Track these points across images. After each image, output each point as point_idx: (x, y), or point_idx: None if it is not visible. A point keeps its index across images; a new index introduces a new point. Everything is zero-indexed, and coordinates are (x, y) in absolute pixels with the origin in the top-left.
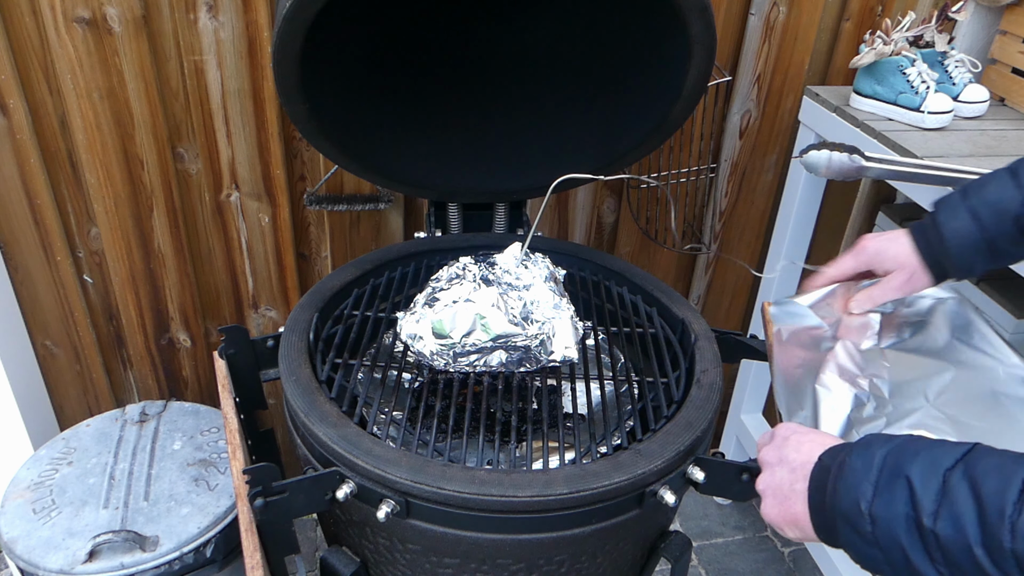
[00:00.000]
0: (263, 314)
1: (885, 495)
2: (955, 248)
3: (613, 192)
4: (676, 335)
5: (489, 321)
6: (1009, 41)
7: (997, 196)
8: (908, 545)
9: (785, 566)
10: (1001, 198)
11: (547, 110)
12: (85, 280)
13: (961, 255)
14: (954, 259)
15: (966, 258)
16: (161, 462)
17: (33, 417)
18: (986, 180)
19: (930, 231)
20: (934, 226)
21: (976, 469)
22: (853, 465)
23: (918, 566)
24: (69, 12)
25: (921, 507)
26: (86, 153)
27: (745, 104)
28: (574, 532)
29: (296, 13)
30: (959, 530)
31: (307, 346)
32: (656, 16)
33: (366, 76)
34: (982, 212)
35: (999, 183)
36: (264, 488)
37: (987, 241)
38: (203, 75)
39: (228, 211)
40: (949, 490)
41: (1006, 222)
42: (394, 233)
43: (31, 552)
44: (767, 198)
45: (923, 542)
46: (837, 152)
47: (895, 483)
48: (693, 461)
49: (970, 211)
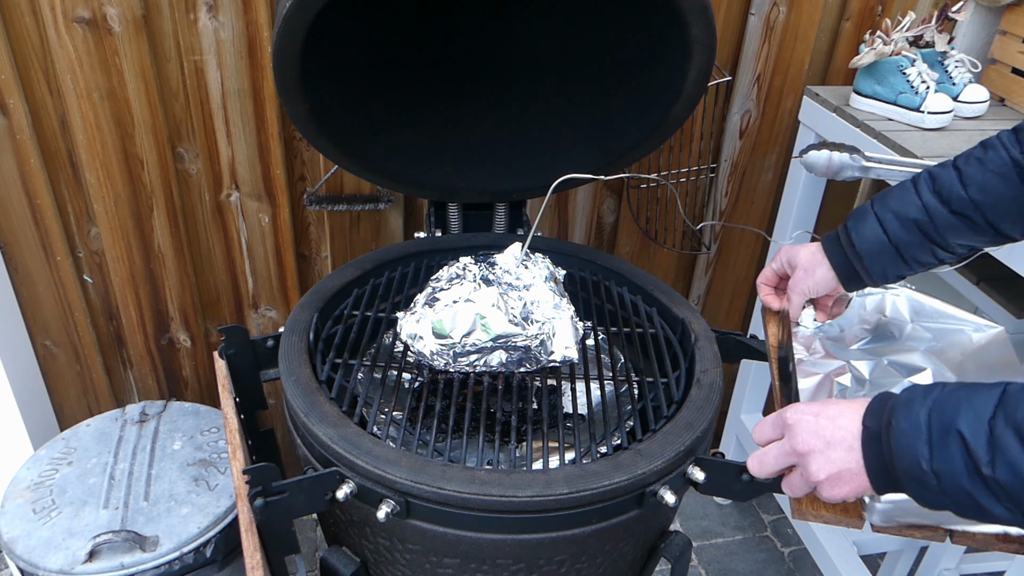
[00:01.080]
0: (263, 314)
1: (941, 452)
2: (866, 253)
3: (613, 192)
4: (676, 335)
5: (489, 321)
6: (1009, 41)
7: (898, 203)
8: (974, 491)
9: (785, 566)
10: (901, 204)
11: (547, 110)
12: (85, 280)
13: (872, 260)
14: (865, 260)
15: (877, 263)
16: (161, 462)
17: (33, 417)
18: (892, 188)
19: (842, 236)
20: (845, 232)
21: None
22: (901, 427)
23: (986, 506)
24: (69, 12)
25: (978, 458)
26: (86, 153)
27: (745, 104)
28: (574, 532)
29: (296, 13)
30: (1017, 474)
31: (307, 346)
32: (656, 16)
33: (366, 76)
34: (886, 218)
35: (901, 190)
36: (264, 488)
37: (893, 247)
38: (203, 75)
39: (228, 211)
40: (996, 439)
41: (908, 228)
42: (394, 233)
43: (31, 552)
44: (767, 198)
45: (987, 488)
46: (837, 152)
47: (948, 440)
48: (693, 461)
49: (876, 217)
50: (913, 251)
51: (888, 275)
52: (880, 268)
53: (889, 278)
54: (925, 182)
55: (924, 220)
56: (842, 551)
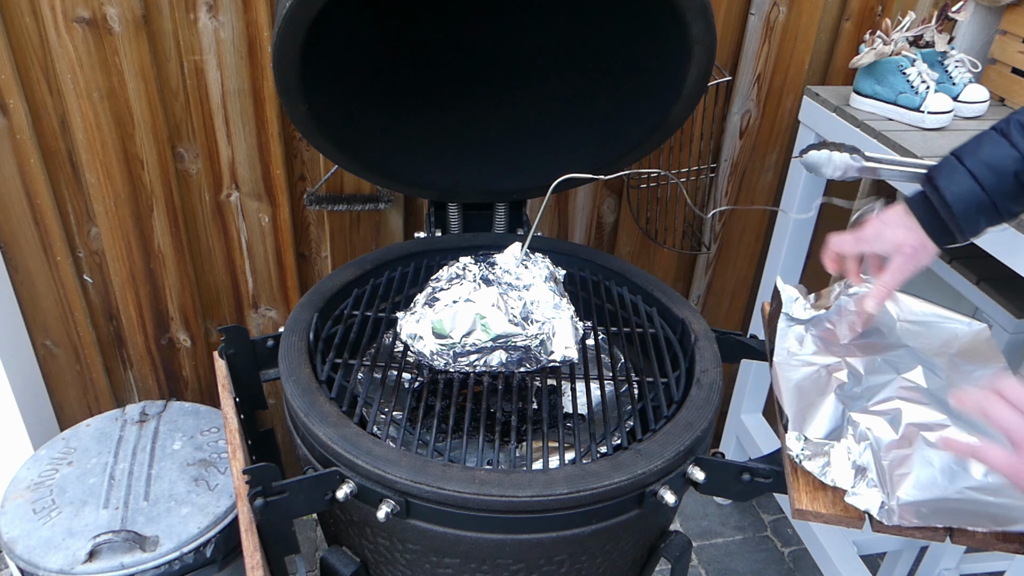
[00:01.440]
0: (263, 314)
1: None
2: (960, 211)
3: (613, 192)
4: (676, 335)
5: (489, 321)
6: (1009, 41)
7: (993, 155)
8: None
9: (785, 566)
10: (998, 156)
11: (547, 110)
12: (85, 280)
13: (967, 217)
14: (960, 221)
15: (971, 219)
16: (161, 462)
17: (33, 417)
18: (979, 141)
19: (933, 198)
20: (936, 192)
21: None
22: None
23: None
24: (69, 12)
25: None
26: (86, 153)
27: (745, 104)
28: (574, 532)
29: (296, 12)
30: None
31: (307, 346)
32: (656, 16)
33: (366, 76)
34: (981, 172)
35: (992, 143)
36: (264, 488)
37: (991, 200)
38: (203, 75)
39: (228, 211)
40: None
41: (1006, 180)
42: (394, 233)
43: (31, 552)
44: (767, 198)
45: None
46: (837, 152)
47: None
48: (693, 461)
49: (970, 172)
50: (1009, 203)
51: (981, 228)
52: (974, 223)
53: (981, 231)
54: (1018, 130)
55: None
56: (842, 551)
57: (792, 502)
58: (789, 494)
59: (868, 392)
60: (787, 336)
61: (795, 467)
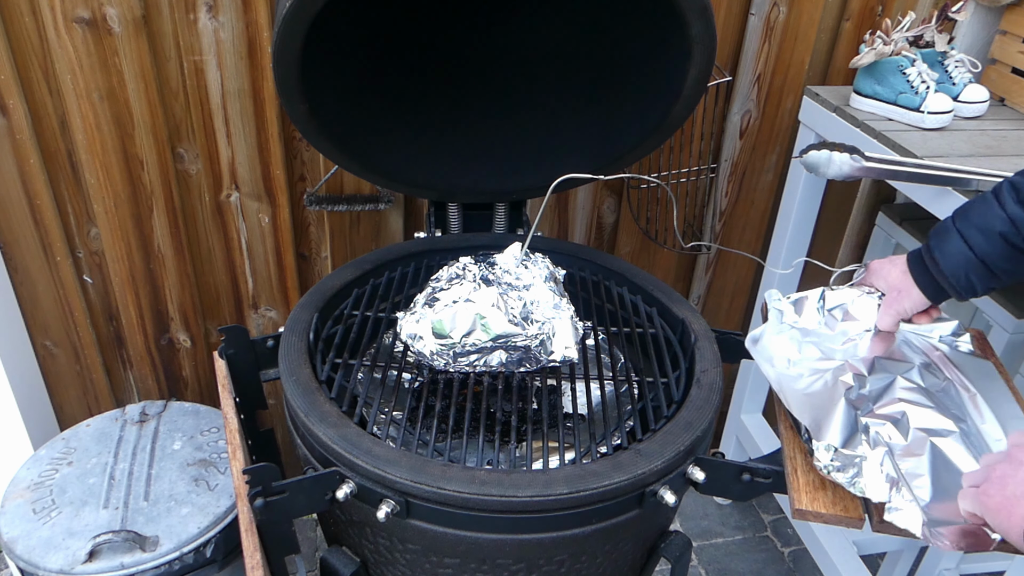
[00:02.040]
0: (263, 314)
1: None
2: (949, 269)
3: (613, 192)
4: (676, 335)
5: (489, 321)
6: (1009, 41)
7: (981, 216)
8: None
9: (785, 566)
10: (986, 218)
11: (547, 110)
12: (85, 280)
13: (956, 275)
14: (950, 279)
15: (962, 277)
16: (161, 462)
17: (33, 417)
18: (971, 204)
19: (925, 255)
20: (928, 250)
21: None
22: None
23: None
24: (69, 12)
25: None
26: (86, 153)
27: (745, 104)
28: (574, 532)
29: (296, 13)
30: None
31: (307, 346)
32: (656, 16)
33: (366, 76)
34: (969, 233)
35: (983, 204)
36: (264, 488)
37: (979, 259)
38: (203, 75)
39: (228, 211)
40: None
41: (993, 240)
42: (394, 233)
43: (31, 552)
44: (767, 198)
45: None
46: (837, 152)
47: None
48: (693, 461)
49: (960, 233)
50: (1001, 263)
51: (977, 289)
52: (967, 283)
53: (979, 291)
54: (1008, 193)
55: (1010, 231)
56: (842, 551)
57: (792, 502)
58: (789, 494)
59: (873, 394)
60: (784, 343)
61: (795, 467)
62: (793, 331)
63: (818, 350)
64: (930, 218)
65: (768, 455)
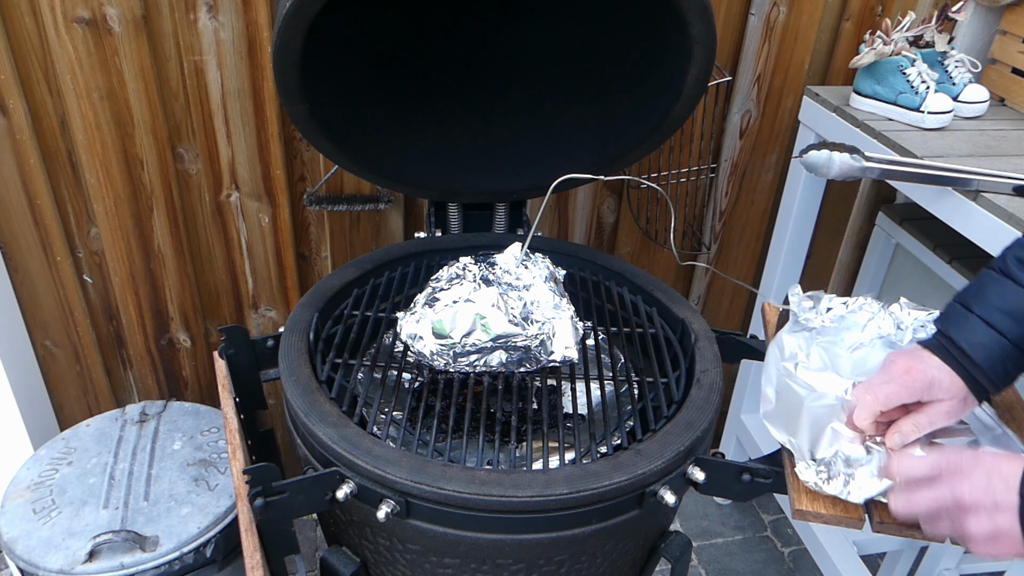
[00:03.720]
0: (263, 314)
1: None
2: (985, 362)
3: (613, 192)
4: (676, 335)
5: (489, 321)
6: (1009, 41)
7: (1000, 298)
8: None
9: (785, 566)
10: (1004, 299)
11: (547, 110)
12: (85, 280)
13: (993, 368)
14: (988, 373)
15: (998, 369)
16: (161, 462)
17: (33, 417)
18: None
19: (953, 351)
20: (954, 345)
21: None
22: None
23: None
24: (69, 12)
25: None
26: (86, 153)
27: (745, 104)
28: (574, 532)
29: (296, 13)
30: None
31: (307, 346)
32: (656, 16)
33: (366, 76)
34: (994, 318)
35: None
36: (264, 488)
37: (1013, 345)
38: (203, 75)
39: (228, 211)
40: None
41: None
42: (394, 233)
43: (31, 552)
44: (767, 198)
45: None
46: (837, 152)
47: None
48: (693, 461)
49: (983, 320)
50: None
51: (1011, 376)
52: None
53: (1012, 379)
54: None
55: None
56: (842, 551)
57: (792, 502)
58: (789, 494)
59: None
60: (793, 339)
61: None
62: (804, 332)
63: (823, 359)
64: (931, 218)
65: (768, 455)
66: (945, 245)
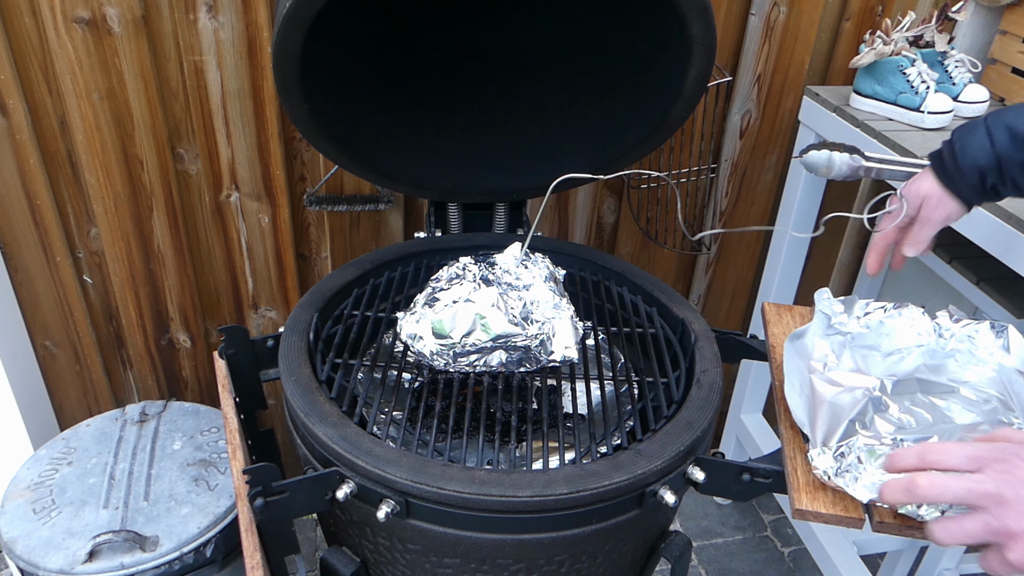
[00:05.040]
0: (263, 314)
1: None
2: (967, 163)
3: (613, 192)
4: (676, 335)
5: (489, 321)
6: (1009, 41)
7: (1015, 118)
8: None
9: (785, 566)
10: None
11: (547, 110)
12: (85, 280)
13: (972, 171)
14: (966, 175)
15: (975, 174)
16: (161, 462)
17: (33, 417)
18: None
19: (945, 150)
20: (949, 144)
21: None
22: None
23: None
24: (69, 12)
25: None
26: (86, 153)
27: (745, 104)
28: (574, 532)
29: (296, 13)
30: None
31: (307, 346)
32: (656, 16)
33: (366, 76)
34: (996, 131)
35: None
36: (264, 488)
37: (996, 156)
38: (203, 75)
39: (228, 211)
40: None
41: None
42: (394, 233)
43: (31, 552)
44: (767, 198)
45: None
46: (837, 152)
47: None
48: (693, 461)
49: (987, 128)
50: (1014, 170)
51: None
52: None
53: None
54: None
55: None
56: (842, 551)
57: (792, 502)
58: (789, 494)
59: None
60: (826, 347)
61: (795, 467)
62: (837, 336)
63: (856, 363)
64: None
65: (768, 455)
66: (945, 245)
